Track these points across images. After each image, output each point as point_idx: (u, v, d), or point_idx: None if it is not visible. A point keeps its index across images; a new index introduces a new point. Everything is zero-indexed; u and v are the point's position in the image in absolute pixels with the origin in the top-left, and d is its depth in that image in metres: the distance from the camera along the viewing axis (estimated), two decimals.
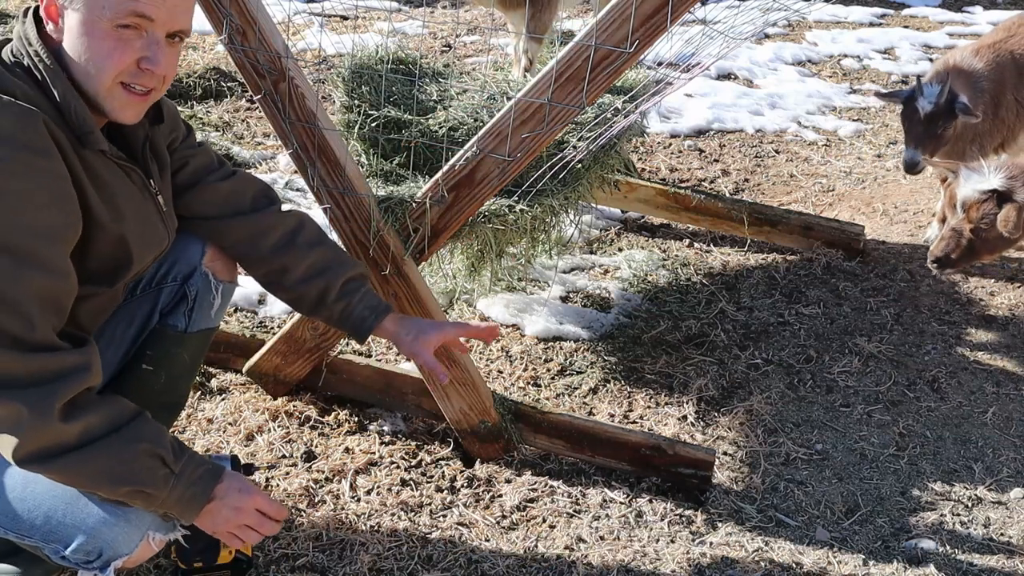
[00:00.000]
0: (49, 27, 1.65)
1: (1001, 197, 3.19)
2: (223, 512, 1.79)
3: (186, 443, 2.57)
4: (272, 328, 3.17)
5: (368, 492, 2.50)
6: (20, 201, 1.53)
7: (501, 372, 3.07)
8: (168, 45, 1.68)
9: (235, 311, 3.24)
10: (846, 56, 6.76)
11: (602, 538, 2.41)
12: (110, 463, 1.62)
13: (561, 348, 3.22)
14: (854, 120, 5.60)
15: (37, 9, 1.67)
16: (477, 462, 2.64)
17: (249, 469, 2.15)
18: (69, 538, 1.70)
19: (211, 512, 1.78)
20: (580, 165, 2.81)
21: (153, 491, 1.68)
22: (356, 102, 2.75)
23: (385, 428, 2.74)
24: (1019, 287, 3.79)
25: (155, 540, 1.78)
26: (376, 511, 2.43)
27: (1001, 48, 3.83)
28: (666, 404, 2.97)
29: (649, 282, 3.67)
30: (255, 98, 2.25)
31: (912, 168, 3.63)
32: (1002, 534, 2.55)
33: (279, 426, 2.69)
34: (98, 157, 1.69)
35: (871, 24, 7.64)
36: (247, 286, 3.28)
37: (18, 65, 1.64)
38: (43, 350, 1.56)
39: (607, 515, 2.49)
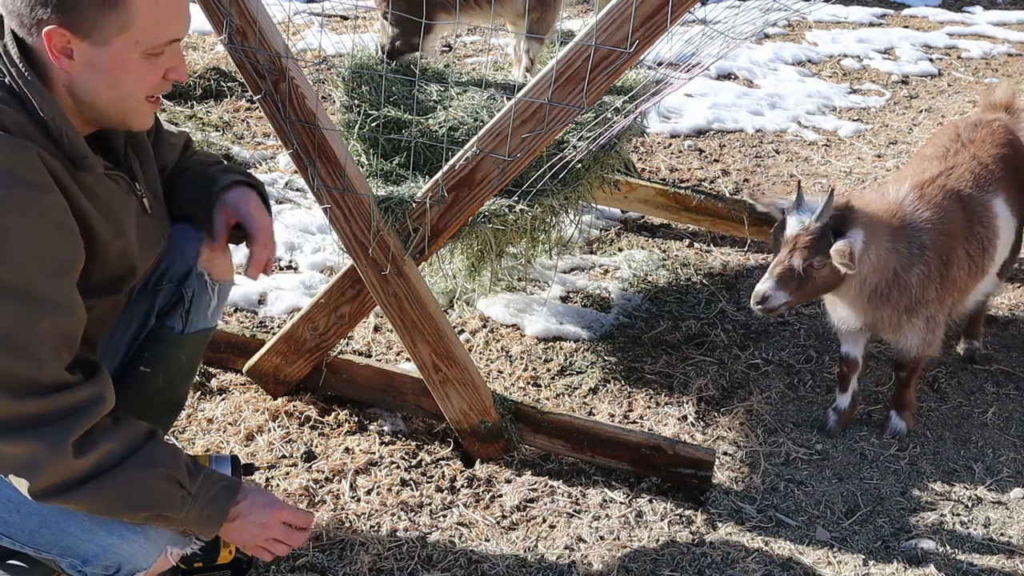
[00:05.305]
0: (57, 63, 1.56)
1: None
2: (249, 528, 1.80)
3: (186, 444, 2.58)
4: (272, 328, 3.17)
5: (368, 492, 2.50)
6: (24, 240, 1.49)
7: (501, 372, 3.07)
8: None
9: (235, 311, 3.24)
10: (846, 56, 6.76)
11: (602, 538, 2.41)
12: (127, 489, 1.62)
13: (561, 348, 3.22)
14: (854, 120, 5.59)
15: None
16: (477, 462, 2.64)
17: (249, 469, 2.15)
18: (87, 553, 1.70)
19: (237, 529, 1.79)
20: (580, 165, 2.81)
21: (171, 514, 1.68)
22: (356, 102, 2.75)
23: (385, 428, 2.74)
24: (1019, 287, 3.78)
25: (172, 554, 1.78)
26: (376, 511, 2.43)
27: (945, 185, 2.84)
28: (666, 404, 2.97)
29: (649, 282, 3.67)
30: (255, 98, 2.25)
31: (762, 303, 2.56)
32: (1002, 534, 2.55)
33: (279, 426, 2.69)
34: (91, 176, 1.66)
35: (871, 24, 7.64)
36: (247, 286, 3.28)
37: None
38: (56, 389, 1.54)
39: (607, 515, 2.48)
